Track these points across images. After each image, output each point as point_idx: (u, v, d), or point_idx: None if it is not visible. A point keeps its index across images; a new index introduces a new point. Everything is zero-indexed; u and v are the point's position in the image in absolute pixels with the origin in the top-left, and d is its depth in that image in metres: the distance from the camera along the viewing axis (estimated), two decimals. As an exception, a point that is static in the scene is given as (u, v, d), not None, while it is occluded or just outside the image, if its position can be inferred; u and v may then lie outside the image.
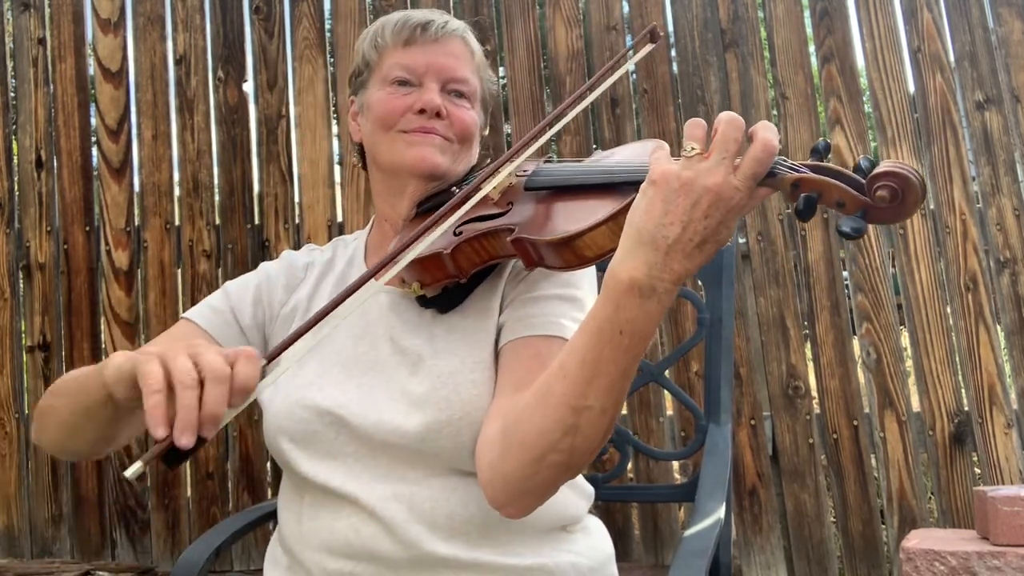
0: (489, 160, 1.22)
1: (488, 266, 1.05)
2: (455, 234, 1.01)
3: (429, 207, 1.14)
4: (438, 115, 1.14)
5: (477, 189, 1.00)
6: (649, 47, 1.11)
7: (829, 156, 0.81)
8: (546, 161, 1.13)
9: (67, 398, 0.99)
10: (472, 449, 1.01)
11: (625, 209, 0.88)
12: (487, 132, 1.27)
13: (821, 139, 0.83)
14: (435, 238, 0.96)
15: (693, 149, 0.78)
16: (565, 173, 1.02)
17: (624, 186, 0.93)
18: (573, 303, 1.06)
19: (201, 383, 0.76)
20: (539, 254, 0.96)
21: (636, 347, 0.82)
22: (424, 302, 1.09)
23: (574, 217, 0.94)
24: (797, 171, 0.79)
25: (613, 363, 0.83)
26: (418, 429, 1.02)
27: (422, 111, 1.14)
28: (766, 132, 0.77)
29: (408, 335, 1.09)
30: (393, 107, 1.15)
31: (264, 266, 1.26)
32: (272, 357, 0.85)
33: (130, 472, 0.74)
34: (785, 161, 0.80)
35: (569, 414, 0.86)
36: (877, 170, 0.76)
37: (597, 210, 0.92)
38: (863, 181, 0.77)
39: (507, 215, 1.01)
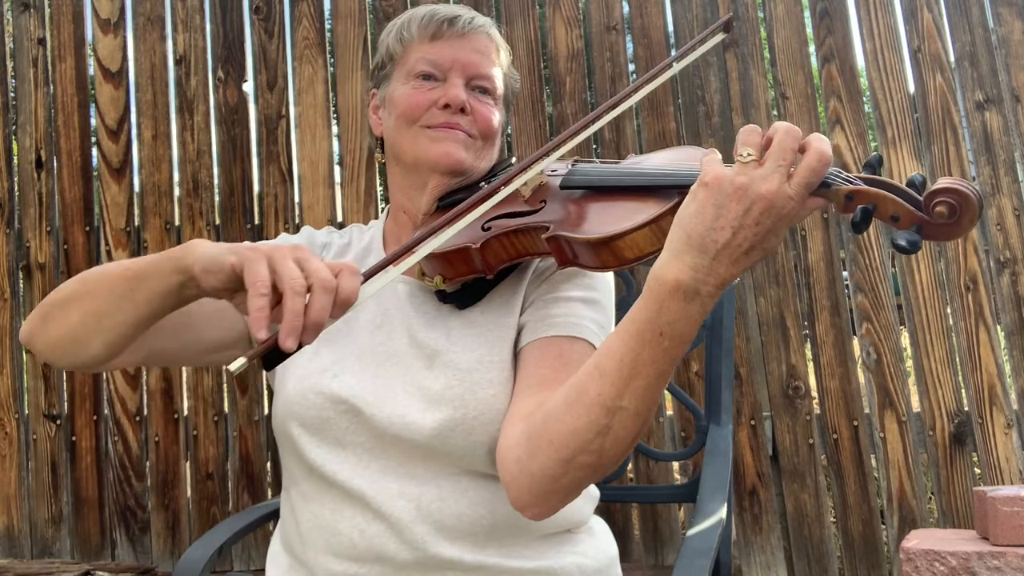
0: (512, 161, 1.22)
1: (513, 264, 1.04)
2: (484, 229, 1.01)
3: (450, 203, 1.13)
4: (462, 111, 1.13)
5: (514, 179, 1.00)
6: (721, 36, 1.10)
7: (882, 168, 0.82)
8: (576, 162, 1.12)
9: (108, 283, 0.96)
10: (485, 449, 1.01)
11: (669, 212, 0.88)
12: (510, 130, 1.26)
13: (874, 153, 0.83)
14: (466, 225, 0.96)
15: (749, 155, 0.78)
16: (604, 173, 1.02)
17: (667, 190, 0.92)
18: (594, 306, 1.06)
19: (309, 289, 0.78)
20: (575, 252, 0.95)
21: (676, 349, 0.83)
22: (442, 297, 1.09)
23: (614, 218, 0.93)
24: (851, 183, 0.79)
25: (652, 364, 0.83)
26: (432, 426, 1.01)
27: (447, 106, 1.13)
28: (821, 143, 0.77)
29: (425, 328, 1.08)
30: (418, 102, 1.14)
31: (283, 237, 1.26)
32: (370, 275, 0.86)
33: (234, 367, 0.75)
34: (840, 173, 0.80)
35: (603, 415, 0.86)
36: (937, 185, 0.76)
37: (638, 212, 0.91)
38: (919, 196, 0.77)
39: (540, 212, 1.01)
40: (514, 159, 1.22)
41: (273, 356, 0.78)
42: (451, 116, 1.13)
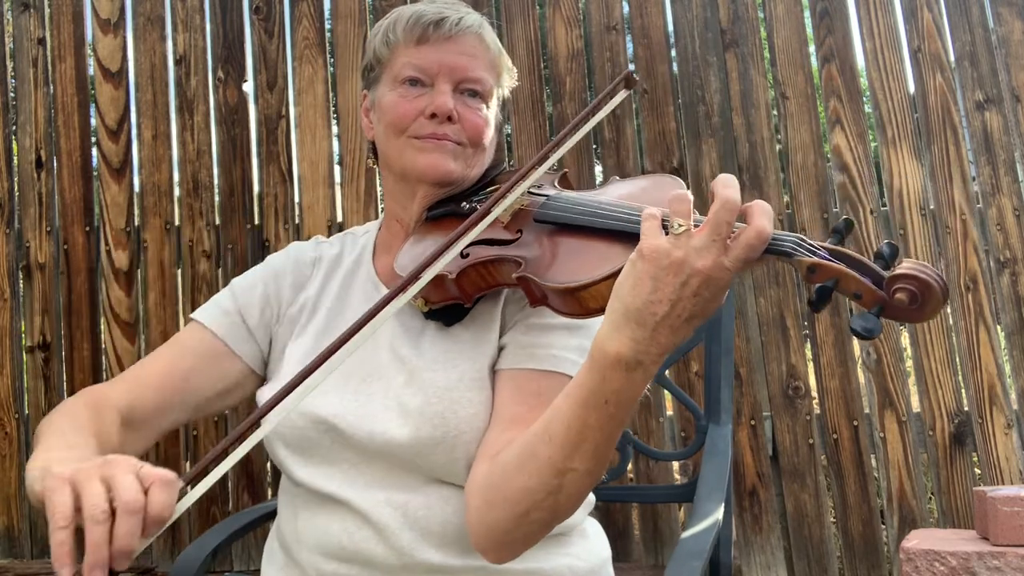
0: (506, 166, 1.20)
1: (490, 290, 1.03)
2: (462, 256, 0.99)
3: (440, 212, 1.12)
4: (449, 119, 1.10)
5: (488, 212, 0.97)
6: (624, 94, 1.08)
7: (850, 235, 0.79)
8: (560, 179, 1.11)
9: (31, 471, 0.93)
10: (466, 464, 1.01)
11: None
12: (509, 129, 1.23)
13: (843, 218, 0.79)
14: (446, 262, 0.94)
15: (680, 227, 0.77)
16: (576, 211, 0.98)
17: (633, 236, 0.89)
18: (578, 331, 1.04)
19: (113, 513, 0.72)
20: (543, 295, 0.94)
21: (621, 414, 0.83)
22: (428, 315, 1.07)
23: (580, 265, 0.91)
24: (815, 254, 0.76)
25: (599, 430, 0.83)
26: (411, 442, 1.01)
27: (433, 116, 1.10)
28: (761, 219, 0.75)
29: (407, 343, 1.08)
30: (404, 112, 1.11)
31: (271, 260, 1.24)
32: (189, 481, 0.80)
33: None
34: (803, 241, 0.77)
35: (553, 476, 0.86)
36: (897, 271, 0.73)
37: (604, 260, 0.89)
38: (883, 275, 0.74)
39: (515, 244, 0.99)
40: (506, 164, 1.20)
41: None
42: (438, 126, 1.10)
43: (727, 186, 0.76)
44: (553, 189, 1.08)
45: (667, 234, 0.77)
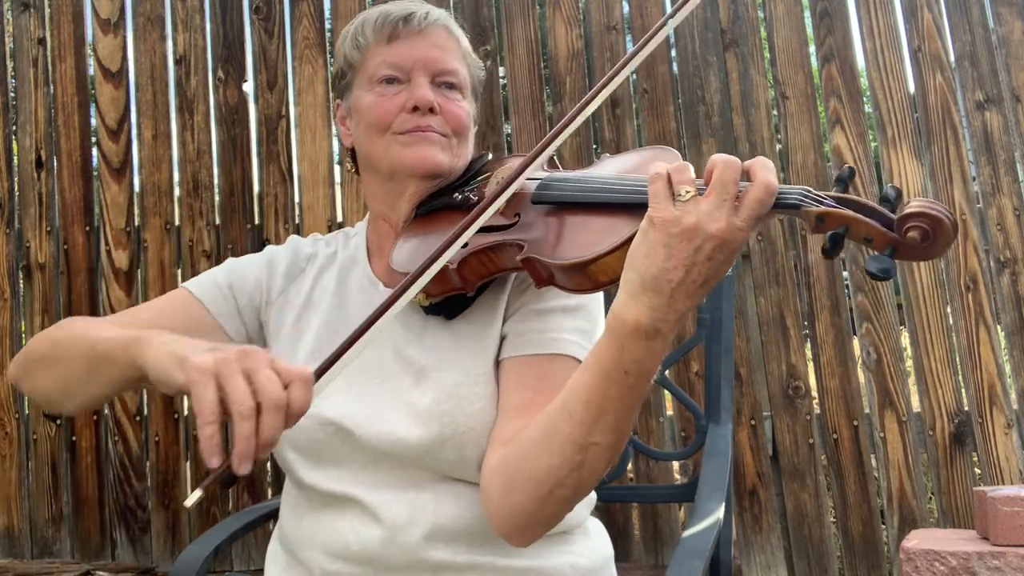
0: (488, 156, 1.20)
1: (493, 278, 1.02)
2: (462, 246, 0.98)
3: (429, 208, 1.12)
4: (431, 111, 1.10)
5: (494, 199, 0.96)
6: (695, 3, 1.06)
7: (853, 183, 0.79)
8: (549, 165, 1.10)
9: (78, 357, 0.97)
10: (476, 462, 1.01)
11: None
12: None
13: (846, 166, 0.79)
14: (453, 253, 0.94)
15: (688, 193, 0.77)
16: (574, 188, 0.98)
17: (637, 207, 0.89)
18: (576, 313, 1.04)
19: (258, 408, 0.75)
20: (550, 274, 0.93)
21: (641, 384, 0.83)
22: (429, 310, 1.07)
23: (586, 239, 0.91)
24: (822, 203, 0.76)
25: (619, 401, 0.83)
26: (421, 442, 1.01)
27: (415, 109, 1.09)
28: (765, 172, 0.76)
29: (412, 344, 1.07)
30: (385, 110, 1.10)
31: (269, 249, 1.24)
32: (320, 374, 0.83)
33: (190, 502, 0.76)
34: (809, 192, 0.77)
35: (576, 452, 0.86)
36: (908, 209, 0.73)
37: (609, 233, 0.89)
38: (892, 216, 0.75)
39: (515, 228, 0.98)
40: (488, 155, 1.20)
41: (228, 480, 0.76)
42: (421, 118, 1.09)
43: (720, 155, 0.78)
44: (544, 173, 1.07)
45: (674, 202, 0.78)
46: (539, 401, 0.95)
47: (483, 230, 0.98)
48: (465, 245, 0.98)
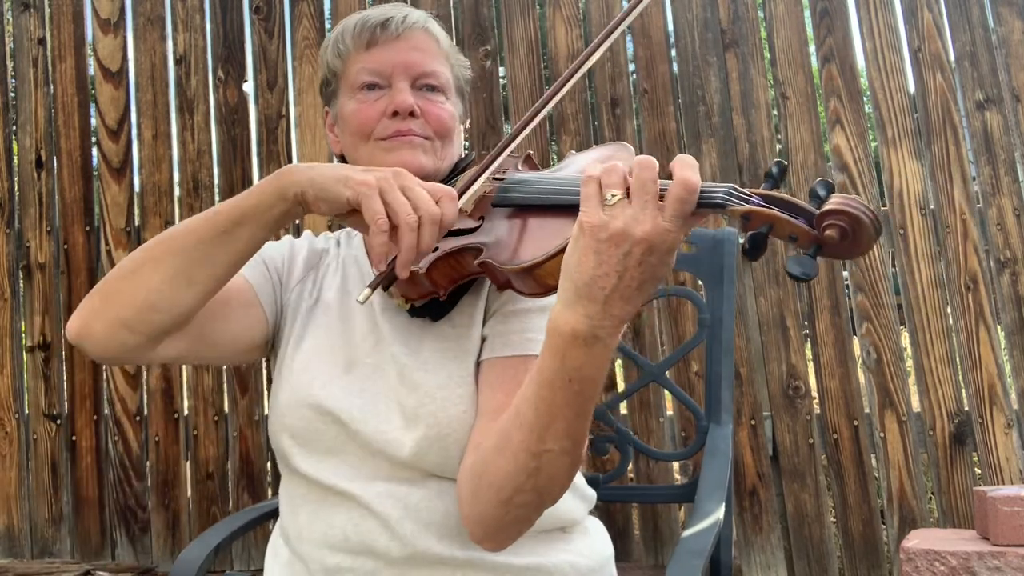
0: (475, 155, 1.20)
1: (466, 282, 1.03)
2: (432, 249, 0.99)
3: None
4: (412, 114, 1.10)
5: (486, 168, 1.02)
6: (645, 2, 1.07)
7: (785, 180, 0.77)
8: (524, 161, 1.11)
9: (197, 234, 0.97)
10: (461, 461, 1.01)
11: None
12: (469, 122, 1.23)
13: (776, 161, 0.78)
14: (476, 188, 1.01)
15: (614, 196, 0.76)
16: (531, 190, 0.99)
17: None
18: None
19: (419, 221, 0.87)
20: (506, 279, 0.94)
21: (588, 391, 0.82)
22: (414, 312, 1.07)
23: (537, 242, 0.91)
24: (748, 202, 0.75)
25: (567, 407, 0.83)
26: (411, 446, 1.02)
27: (395, 114, 1.10)
28: (684, 170, 0.74)
29: (398, 341, 1.08)
30: (367, 116, 1.11)
31: (288, 238, 1.26)
32: (461, 192, 0.95)
33: (362, 297, 0.90)
34: (735, 190, 0.76)
35: (530, 459, 0.86)
36: (825, 207, 0.72)
37: (556, 235, 0.88)
38: (815, 212, 0.73)
39: (478, 232, 0.99)
40: (473, 154, 1.21)
41: (391, 280, 0.90)
42: (402, 123, 1.10)
43: (640, 158, 0.77)
44: (517, 172, 1.08)
45: (602, 206, 0.76)
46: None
47: (450, 233, 0.99)
48: (435, 249, 0.98)
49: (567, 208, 0.91)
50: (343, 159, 1.21)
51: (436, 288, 1.01)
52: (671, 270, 0.79)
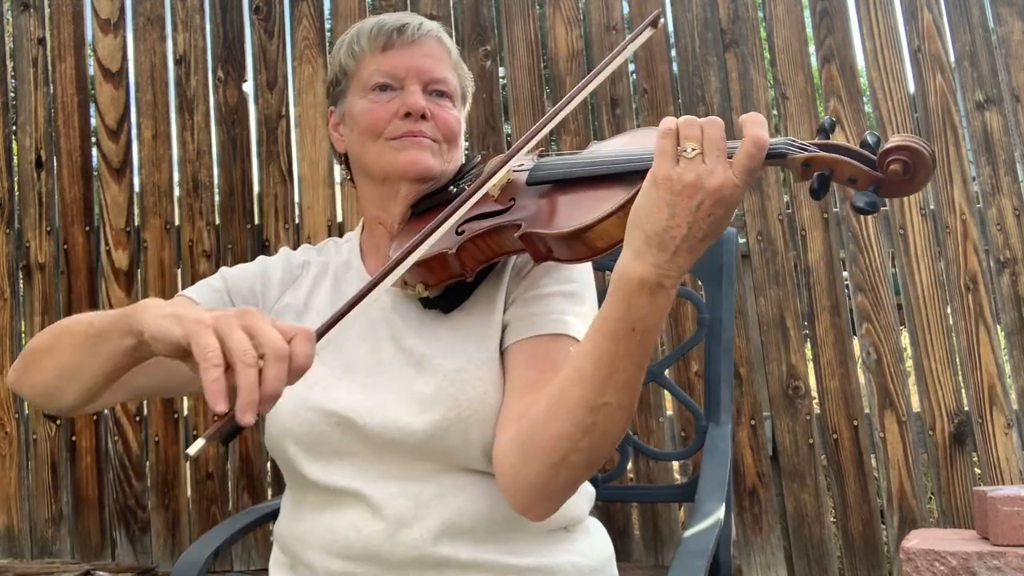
0: (478, 159, 1.21)
1: (491, 264, 1.05)
2: (457, 233, 1.01)
3: (423, 209, 1.14)
4: (423, 117, 1.13)
5: (481, 186, 1.00)
6: (650, 32, 1.10)
7: (834, 134, 0.82)
8: (541, 155, 1.12)
9: (74, 339, 0.98)
10: (480, 447, 1.02)
11: (634, 198, 0.88)
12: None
13: (827, 117, 0.85)
14: (443, 233, 0.96)
15: (694, 150, 0.81)
16: (567, 165, 1.02)
17: (629, 175, 0.93)
18: (574, 298, 1.07)
19: (261, 359, 0.76)
20: (548, 248, 0.96)
21: (648, 341, 0.86)
22: (427, 303, 1.09)
23: (582, 209, 0.94)
24: (807, 150, 0.81)
25: (628, 358, 0.86)
26: (426, 427, 1.02)
27: (407, 115, 1.13)
28: (755, 128, 0.80)
29: (411, 335, 1.09)
30: (379, 116, 1.14)
31: (262, 259, 1.26)
32: (321, 334, 0.84)
33: (193, 451, 0.75)
34: (794, 141, 0.82)
35: (587, 414, 0.88)
36: (889, 144, 0.78)
37: (604, 201, 0.92)
38: (873, 156, 0.79)
39: (511, 211, 1.01)
40: (478, 157, 1.22)
41: (232, 431, 0.76)
42: (413, 124, 1.13)
43: (707, 118, 0.82)
44: (534, 161, 1.10)
45: (677, 160, 0.81)
46: (547, 379, 0.97)
47: (479, 217, 1.01)
48: (461, 233, 1.01)
49: (611, 177, 0.95)
50: (346, 158, 1.22)
51: (464, 270, 1.03)
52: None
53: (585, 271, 1.12)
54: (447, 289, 1.07)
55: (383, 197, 1.17)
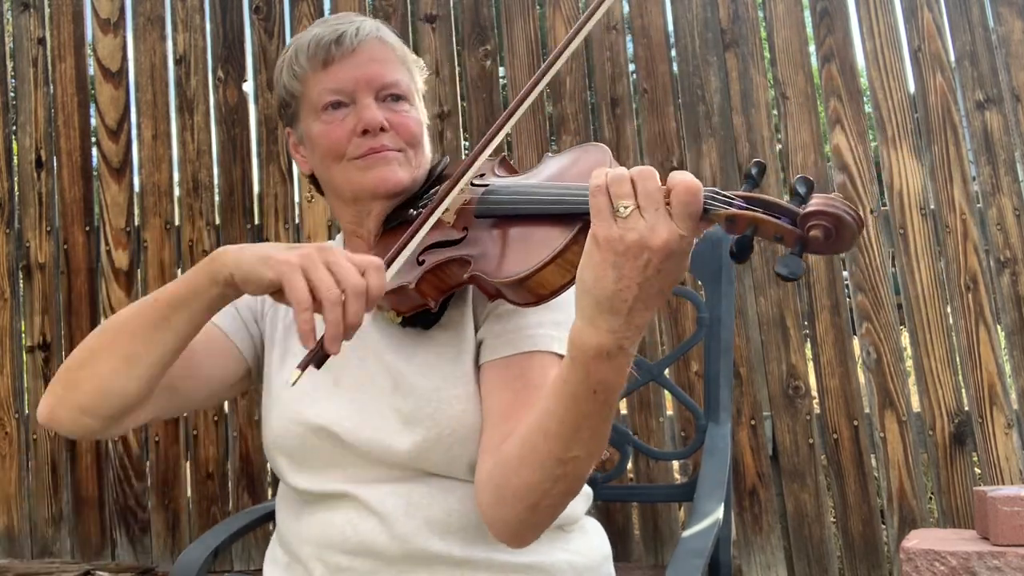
0: (447, 159, 1.20)
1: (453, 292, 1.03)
2: (418, 263, 0.99)
3: (396, 223, 1.12)
4: (382, 130, 1.09)
5: (433, 211, 0.98)
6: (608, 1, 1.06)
7: (761, 181, 0.77)
8: (500, 164, 1.10)
9: (137, 324, 0.98)
10: (466, 463, 1.02)
11: (572, 243, 0.86)
12: (427, 122, 1.21)
13: (755, 161, 0.78)
14: (407, 257, 0.97)
15: (626, 208, 0.75)
16: (511, 200, 0.98)
17: (567, 217, 0.90)
18: (549, 308, 1.03)
19: (343, 296, 0.84)
20: (496, 290, 0.94)
21: (612, 398, 0.83)
22: (406, 322, 1.07)
23: (525, 254, 0.91)
24: (731, 205, 0.75)
25: (592, 417, 0.84)
26: (409, 448, 1.02)
27: (365, 132, 1.08)
28: (681, 175, 0.75)
29: (390, 351, 1.08)
30: (336, 137, 1.10)
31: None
32: (389, 262, 0.93)
33: (293, 378, 0.86)
34: (718, 194, 0.76)
35: (556, 466, 0.87)
36: (808, 208, 0.72)
37: (544, 245, 0.89)
38: (799, 211, 0.73)
39: (464, 243, 0.99)
40: (446, 159, 1.20)
41: (322, 359, 0.86)
42: (373, 140, 1.09)
43: (635, 169, 0.77)
44: (494, 176, 1.07)
45: (615, 218, 0.76)
46: (521, 401, 0.96)
47: (436, 245, 0.99)
48: (422, 263, 0.99)
49: (552, 217, 0.91)
50: (313, 178, 1.19)
51: (426, 300, 1.01)
52: (686, 270, 0.80)
53: None
54: (418, 315, 1.05)
55: (356, 214, 1.15)
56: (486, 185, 1.04)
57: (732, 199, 0.75)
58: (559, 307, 1.04)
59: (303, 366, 0.85)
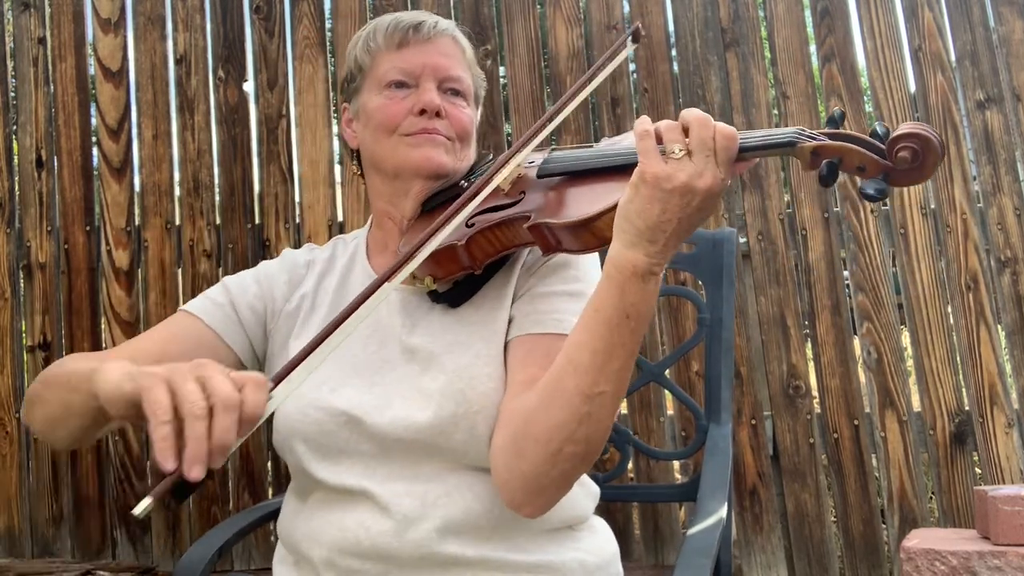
0: (491, 156, 1.22)
1: (501, 257, 1.05)
2: (468, 226, 1.02)
3: (434, 205, 1.14)
4: (438, 115, 1.14)
5: (488, 182, 1.01)
6: (632, 47, 1.15)
7: (844, 123, 0.84)
8: (553, 150, 1.13)
9: (56, 392, 1.00)
10: (487, 441, 1.03)
11: None
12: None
13: (837, 108, 0.87)
14: (447, 234, 0.97)
15: (680, 151, 0.84)
16: (577, 158, 1.04)
17: (632, 167, 0.94)
18: (579, 298, 1.07)
19: (210, 411, 0.74)
20: (557, 238, 0.97)
21: (641, 327, 0.89)
22: (435, 297, 1.09)
23: (590, 199, 0.95)
24: (815, 139, 0.83)
25: (622, 346, 0.88)
26: (433, 422, 1.02)
27: (422, 112, 1.14)
28: (720, 124, 0.85)
29: (417, 333, 1.09)
30: (394, 112, 1.15)
31: (264, 264, 1.27)
32: (279, 379, 0.84)
33: (139, 510, 0.71)
34: (803, 131, 0.84)
35: (583, 403, 0.90)
36: (898, 131, 0.79)
37: (612, 192, 0.93)
38: (882, 145, 0.81)
39: (520, 203, 1.03)
40: (490, 155, 1.22)
41: (182, 487, 0.73)
42: (428, 121, 1.14)
43: (690, 113, 0.86)
44: (542, 155, 1.12)
45: (665, 159, 0.84)
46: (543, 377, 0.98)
47: (489, 210, 1.02)
48: (472, 226, 1.02)
49: (616, 168, 0.98)
50: (358, 154, 1.23)
51: (473, 263, 1.04)
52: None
53: (592, 271, 1.12)
54: (456, 283, 1.07)
55: (394, 193, 1.18)
56: (535, 164, 1.09)
57: (817, 135, 0.84)
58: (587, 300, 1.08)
59: (157, 495, 0.71)
